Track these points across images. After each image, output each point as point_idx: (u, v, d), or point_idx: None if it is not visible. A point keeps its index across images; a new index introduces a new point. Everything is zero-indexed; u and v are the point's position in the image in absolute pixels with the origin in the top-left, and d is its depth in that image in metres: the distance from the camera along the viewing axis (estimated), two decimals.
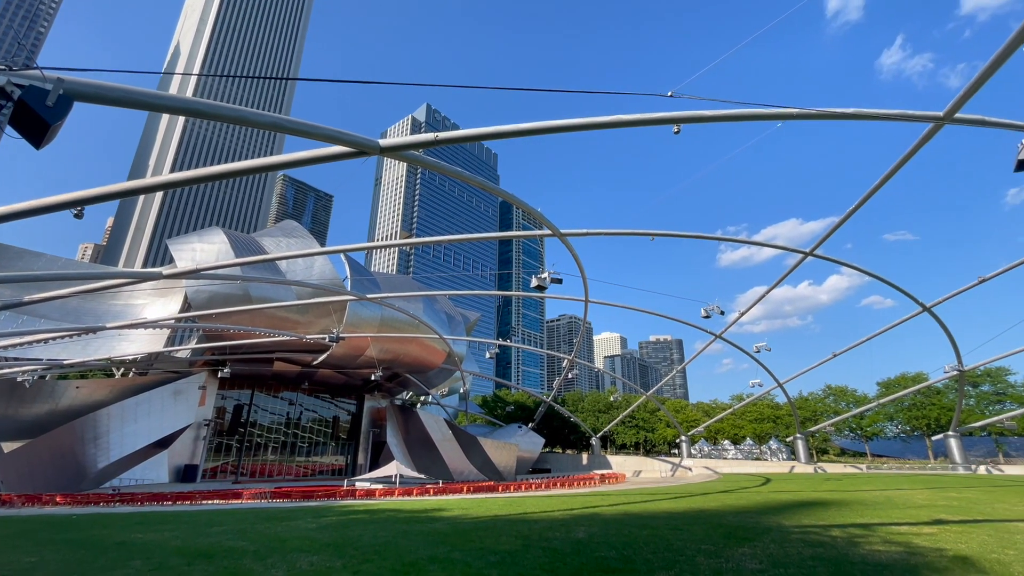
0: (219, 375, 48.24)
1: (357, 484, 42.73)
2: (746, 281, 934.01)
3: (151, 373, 56.59)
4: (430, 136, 12.93)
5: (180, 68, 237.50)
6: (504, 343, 67.75)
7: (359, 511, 21.78)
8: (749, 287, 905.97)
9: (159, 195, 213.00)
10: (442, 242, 32.78)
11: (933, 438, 68.59)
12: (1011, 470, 54.09)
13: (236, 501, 32.21)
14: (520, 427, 78.74)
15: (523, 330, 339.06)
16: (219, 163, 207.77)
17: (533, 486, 40.24)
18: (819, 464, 65.31)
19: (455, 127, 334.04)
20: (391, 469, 42.96)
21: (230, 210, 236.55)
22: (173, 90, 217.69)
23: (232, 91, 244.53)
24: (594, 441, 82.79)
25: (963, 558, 10.32)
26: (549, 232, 23.81)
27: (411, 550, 11.65)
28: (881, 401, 71.07)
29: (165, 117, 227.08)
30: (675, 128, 14.03)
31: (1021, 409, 60.80)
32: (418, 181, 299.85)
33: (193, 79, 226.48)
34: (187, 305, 47.14)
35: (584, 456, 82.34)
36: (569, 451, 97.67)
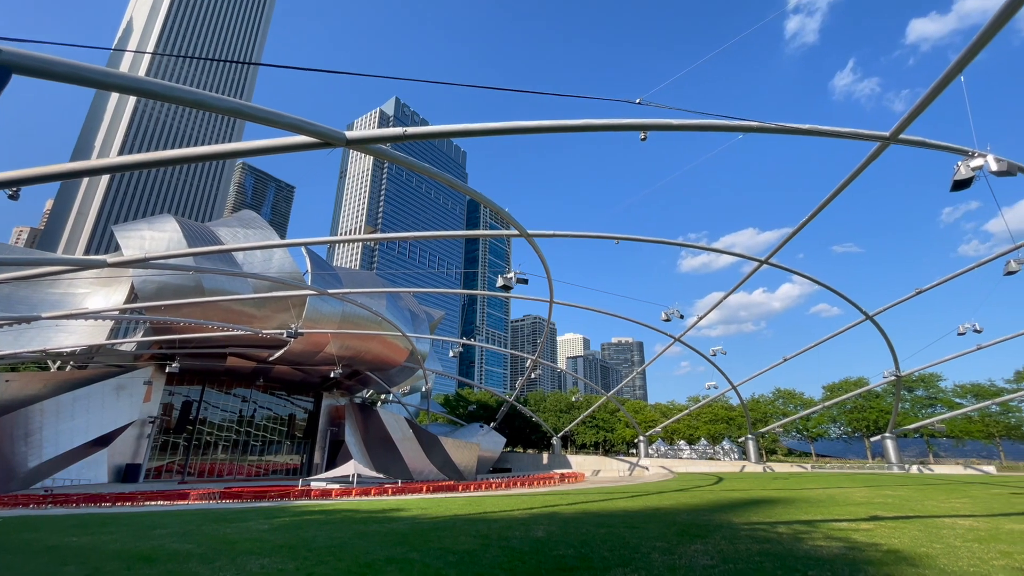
0: (167, 370, 46.00)
1: (313, 484, 41.64)
2: (705, 286, 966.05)
3: (91, 367, 53.37)
4: (398, 130, 12.73)
5: (132, 45, 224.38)
6: (468, 342, 67.28)
7: (314, 511, 21.21)
8: (707, 292, 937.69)
9: (105, 178, 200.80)
10: (408, 238, 32.38)
11: (872, 439, 72.76)
12: (940, 469, 58.22)
13: (182, 502, 30.80)
14: (482, 426, 78.68)
15: (487, 329, 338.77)
16: (173, 147, 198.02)
17: (493, 485, 40.29)
18: (768, 464, 68.19)
19: (424, 123, 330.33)
20: (349, 468, 42.10)
21: (184, 197, 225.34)
22: (124, 68, 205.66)
23: (189, 73, 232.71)
24: (555, 441, 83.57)
25: (896, 552, 11.00)
26: (516, 232, 23.87)
27: (368, 551, 11.43)
28: (826, 404, 75.06)
29: (114, 96, 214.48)
30: (642, 135, 14.36)
31: (950, 412, 65.59)
32: (384, 175, 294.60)
33: (147, 58, 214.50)
34: (133, 296, 44.73)
35: (545, 456, 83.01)
36: (530, 451, 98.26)
